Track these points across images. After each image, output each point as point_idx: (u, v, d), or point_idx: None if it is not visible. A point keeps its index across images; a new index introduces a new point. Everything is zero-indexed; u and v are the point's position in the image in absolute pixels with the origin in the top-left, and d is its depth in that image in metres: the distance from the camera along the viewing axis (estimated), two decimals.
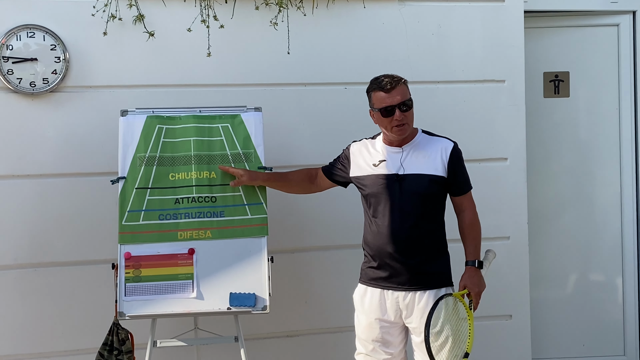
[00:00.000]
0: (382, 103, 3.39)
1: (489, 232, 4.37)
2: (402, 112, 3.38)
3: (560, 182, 5.04)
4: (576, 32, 4.99)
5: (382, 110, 3.39)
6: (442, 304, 3.32)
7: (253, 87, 4.27)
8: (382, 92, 3.40)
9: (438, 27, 4.51)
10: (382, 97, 3.40)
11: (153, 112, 3.83)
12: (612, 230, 5.05)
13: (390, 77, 3.42)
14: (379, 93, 3.41)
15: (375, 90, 3.43)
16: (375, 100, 3.43)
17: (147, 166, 3.73)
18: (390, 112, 3.38)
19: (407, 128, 3.44)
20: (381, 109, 3.40)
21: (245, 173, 3.73)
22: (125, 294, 3.60)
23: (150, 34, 4.01)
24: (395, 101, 3.38)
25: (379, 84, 3.42)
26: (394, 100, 3.38)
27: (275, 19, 4.10)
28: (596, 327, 5.06)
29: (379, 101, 3.41)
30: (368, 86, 3.50)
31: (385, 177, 3.46)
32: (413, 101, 3.43)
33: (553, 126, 5.00)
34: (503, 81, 4.60)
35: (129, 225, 3.67)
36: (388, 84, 3.39)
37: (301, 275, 4.39)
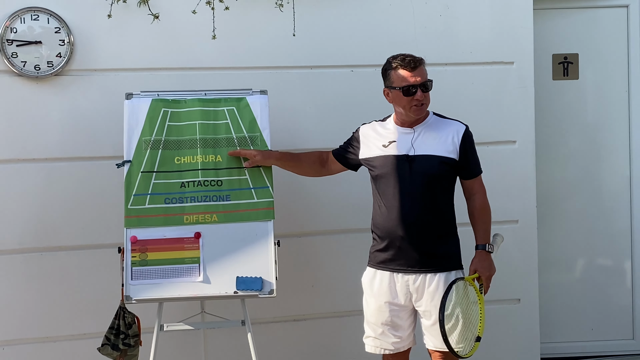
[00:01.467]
0: (405, 82, 3.37)
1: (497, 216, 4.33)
2: (423, 93, 3.37)
3: (569, 166, 5.01)
4: (585, 14, 4.94)
5: (405, 89, 3.37)
6: (454, 288, 3.30)
7: (259, 70, 4.24)
8: (405, 71, 3.38)
9: (446, 8, 4.46)
10: (404, 76, 3.38)
11: (158, 95, 3.81)
12: (622, 214, 5.02)
13: (412, 57, 3.41)
14: (401, 71, 3.39)
15: (397, 68, 3.40)
16: (396, 79, 3.40)
17: (153, 150, 3.71)
18: (412, 92, 3.37)
19: (425, 108, 3.44)
20: (403, 88, 3.37)
21: (258, 153, 3.71)
22: (131, 278, 3.59)
23: (155, 16, 3.97)
24: (417, 81, 3.37)
25: (402, 61, 3.39)
26: (417, 80, 3.37)
27: (280, 1, 4.05)
28: (605, 311, 5.04)
29: (400, 79, 3.39)
30: (385, 64, 3.47)
31: (395, 157, 3.43)
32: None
33: (562, 109, 4.96)
34: (512, 63, 4.56)
35: (135, 209, 3.65)
36: (411, 62, 3.38)
37: (308, 259, 4.37)
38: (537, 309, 4.69)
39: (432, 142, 3.45)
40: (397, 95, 3.41)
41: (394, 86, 3.41)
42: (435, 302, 3.37)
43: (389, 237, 3.45)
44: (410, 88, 3.36)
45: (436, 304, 3.35)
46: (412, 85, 3.36)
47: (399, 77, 3.39)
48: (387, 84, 3.46)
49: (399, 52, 3.49)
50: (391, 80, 3.42)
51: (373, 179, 3.54)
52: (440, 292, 3.36)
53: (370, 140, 3.56)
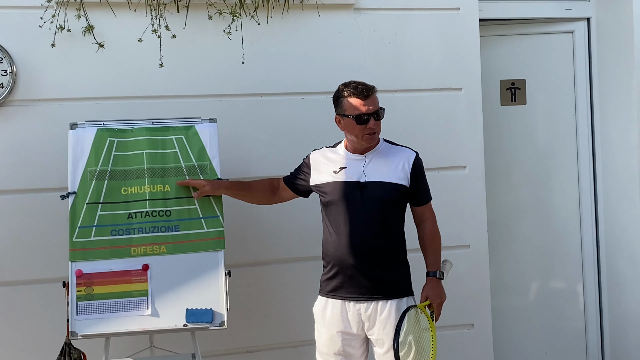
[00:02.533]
0: (357, 110, 3.37)
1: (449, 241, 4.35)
2: (375, 121, 3.37)
3: (519, 190, 5.06)
4: (531, 40, 5.02)
5: (357, 117, 3.36)
6: (406, 316, 3.28)
7: (207, 98, 4.21)
8: (357, 99, 3.37)
9: (394, 36, 4.49)
10: (357, 104, 3.37)
11: (104, 125, 3.74)
12: (572, 237, 5.07)
13: (365, 85, 3.41)
14: (354, 99, 3.38)
15: (349, 96, 3.39)
16: (348, 107, 3.39)
17: (98, 180, 3.63)
18: (365, 120, 3.36)
19: (377, 137, 3.44)
20: (356, 116, 3.36)
21: (207, 183, 3.65)
22: (77, 313, 3.50)
23: (100, 44, 3.91)
24: (371, 110, 3.37)
25: (355, 89, 3.39)
26: (369, 109, 3.36)
27: (228, 28, 4.02)
28: (558, 334, 5.07)
29: (352, 108, 3.38)
30: (337, 92, 3.46)
31: (346, 184, 3.42)
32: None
33: (511, 134, 5.01)
34: (460, 89, 4.59)
35: (80, 242, 3.57)
36: (364, 90, 3.37)
37: (260, 289, 4.32)
38: (490, 333, 4.70)
39: (383, 168, 3.45)
40: (349, 123, 3.40)
41: (346, 114, 3.40)
42: (388, 330, 3.35)
43: (339, 265, 3.42)
44: (363, 116, 3.36)
45: (388, 332, 3.33)
46: (364, 113, 3.36)
47: (351, 105, 3.38)
48: (339, 111, 3.45)
49: (349, 79, 3.50)
50: (343, 108, 3.41)
51: (323, 206, 3.52)
52: (392, 319, 3.35)
53: (321, 166, 3.54)
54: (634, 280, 4.81)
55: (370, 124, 3.36)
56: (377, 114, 3.38)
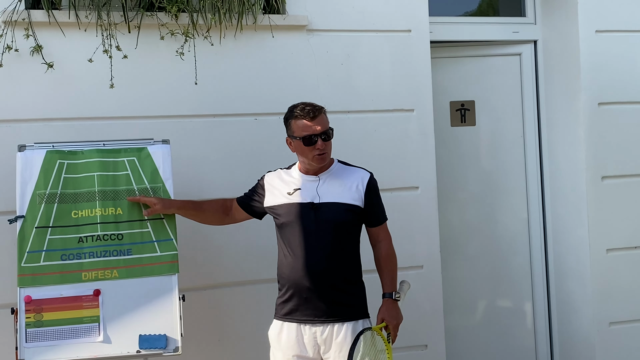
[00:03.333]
0: (305, 132, 3.36)
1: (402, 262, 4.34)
2: (324, 142, 3.36)
3: (469, 210, 5.11)
4: (480, 62, 5.10)
5: (305, 138, 3.35)
6: (361, 338, 3.27)
7: (160, 119, 4.15)
8: (304, 121, 3.37)
9: (347, 57, 4.51)
10: (304, 126, 3.37)
11: (53, 147, 3.66)
12: (521, 257, 5.14)
13: (312, 106, 3.41)
14: (301, 121, 3.38)
15: (296, 118, 3.39)
16: (296, 129, 3.39)
17: (48, 204, 3.55)
18: (313, 141, 3.35)
19: (327, 157, 3.43)
20: (303, 138, 3.36)
21: (159, 201, 3.59)
22: (26, 340, 3.41)
23: (49, 65, 3.84)
24: (317, 130, 3.36)
25: (302, 111, 3.38)
26: (316, 130, 3.36)
27: (181, 49, 3.99)
28: (509, 353, 5.12)
29: (300, 129, 3.38)
30: (286, 114, 3.47)
31: (300, 205, 3.41)
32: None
33: (461, 154, 5.07)
34: (412, 110, 4.63)
35: (28, 267, 3.48)
36: (311, 112, 3.37)
37: (213, 313, 4.26)
38: (444, 353, 4.71)
39: (337, 189, 3.44)
40: (298, 145, 3.40)
41: (295, 136, 3.40)
42: (344, 353, 3.32)
43: (294, 287, 3.40)
44: (311, 137, 3.35)
45: (344, 355, 3.31)
46: (312, 134, 3.35)
47: (299, 126, 3.38)
48: (289, 133, 3.45)
49: (302, 100, 3.50)
50: (292, 130, 3.41)
51: (278, 228, 3.49)
52: (348, 342, 3.33)
53: (276, 188, 3.52)
54: (583, 299, 4.89)
55: (318, 144, 3.36)
56: (326, 134, 3.38)
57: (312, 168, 3.46)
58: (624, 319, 4.91)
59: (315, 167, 3.45)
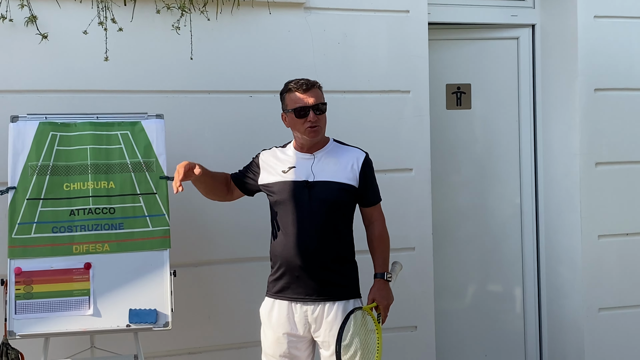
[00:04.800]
0: (297, 103, 3.37)
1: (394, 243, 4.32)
2: (315, 115, 3.36)
3: (462, 193, 5.10)
4: (478, 45, 5.07)
5: (296, 110, 3.36)
6: (352, 317, 3.27)
7: (154, 93, 4.12)
8: (297, 93, 3.38)
9: (344, 36, 4.48)
10: (296, 98, 3.38)
11: (46, 119, 3.65)
12: (513, 241, 5.14)
13: (306, 79, 3.43)
14: (293, 94, 3.39)
15: (289, 91, 3.41)
16: (289, 102, 3.40)
17: (40, 175, 3.54)
18: (304, 114, 3.36)
19: (320, 131, 3.42)
20: (295, 109, 3.36)
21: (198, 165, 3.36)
22: (15, 312, 3.41)
23: (43, 36, 3.79)
24: (309, 103, 3.37)
25: (296, 84, 3.40)
26: (308, 102, 3.37)
27: (177, 23, 3.94)
28: (498, 337, 5.13)
29: (293, 102, 3.39)
30: (282, 88, 3.47)
31: (294, 183, 3.39)
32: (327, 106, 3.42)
33: (455, 138, 5.06)
34: (408, 92, 4.61)
35: (19, 239, 3.47)
36: (304, 84, 3.39)
37: (204, 289, 4.25)
38: (433, 335, 4.72)
39: (331, 168, 3.43)
40: (291, 118, 3.41)
41: (288, 109, 3.41)
42: (334, 333, 3.32)
43: (286, 265, 3.39)
44: (303, 109, 3.36)
45: (334, 334, 3.31)
46: (303, 107, 3.36)
47: (292, 99, 3.39)
48: (283, 107, 3.46)
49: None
50: (286, 103, 3.43)
51: (271, 206, 3.48)
52: (339, 321, 3.33)
53: (271, 165, 3.51)
54: (573, 285, 4.90)
55: (310, 117, 3.36)
56: (317, 107, 3.38)
57: (305, 143, 3.44)
58: (614, 305, 4.92)
59: (309, 142, 3.43)
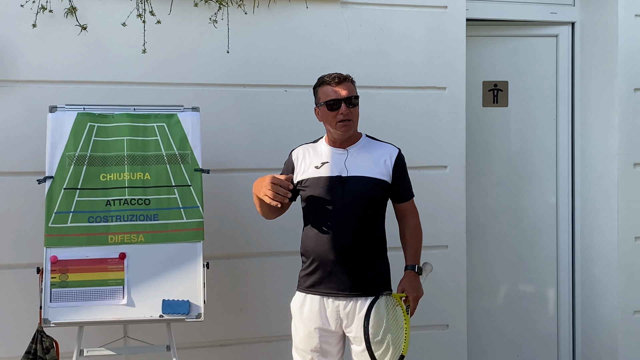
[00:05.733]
0: (329, 96, 3.37)
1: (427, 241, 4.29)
2: (347, 107, 3.35)
3: (497, 192, 5.06)
4: (516, 42, 5.02)
5: (328, 103, 3.35)
6: (381, 300, 3.27)
7: (190, 86, 4.15)
8: (329, 86, 3.38)
9: (380, 31, 4.46)
10: (328, 91, 3.38)
11: (84, 109, 3.68)
12: (548, 241, 5.08)
13: (338, 73, 3.42)
14: (326, 87, 3.39)
15: (322, 85, 3.42)
16: (322, 95, 3.40)
17: (77, 166, 3.57)
18: (336, 106, 3.35)
19: (352, 125, 3.41)
20: (327, 102, 3.36)
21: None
22: (50, 300, 3.45)
23: (82, 27, 3.82)
24: (341, 95, 3.36)
25: (328, 77, 3.41)
26: (340, 95, 3.36)
27: (214, 17, 3.96)
28: (530, 338, 5.08)
29: (325, 95, 3.39)
30: (315, 83, 3.47)
31: (327, 179, 3.39)
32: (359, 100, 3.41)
33: (491, 135, 5.01)
34: (444, 88, 4.58)
35: (56, 228, 3.50)
36: (336, 78, 3.39)
37: (236, 282, 4.26)
38: (465, 334, 4.69)
39: (365, 163, 3.42)
40: (323, 112, 3.40)
41: (320, 102, 3.41)
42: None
43: (319, 260, 3.38)
44: (334, 102, 3.35)
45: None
46: (335, 99, 3.35)
47: (325, 92, 3.39)
48: (316, 101, 3.46)
49: None
50: (319, 97, 3.43)
51: (304, 200, 3.48)
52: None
53: (303, 162, 3.50)
54: (608, 286, 4.84)
55: (342, 109, 3.34)
56: (349, 100, 3.36)
57: (338, 137, 3.43)
58: None
59: (340, 136, 3.42)
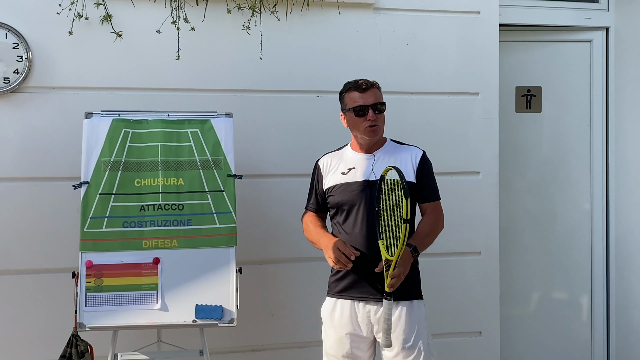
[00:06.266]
0: (356, 102, 3.39)
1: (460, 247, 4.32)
2: (375, 114, 3.37)
3: (530, 198, 5.02)
4: (549, 47, 4.98)
5: (356, 109, 3.37)
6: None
7: (223, 92, 4.18)
8: (356, 92, 3.40)
9: (413, 37, 4.45)
10: (356, 97, 3.40)
11: (119, 115, 3.72)
12: (582, 248, 5.03)
13: (364, 79, 3.44)
14: (353, 93, 3.41)
15: (349, 91, 3.44)
16: (349, 101, 3.42)
17: (112, 171, 3.60)
18: (364, 113, 3.37)
19: (379, 130, 3.42)
20: (355, 108, 3.38)
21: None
22: (85, 304, 3.47)
23: (117, 34, 3.87)
24: (369, 101, 3.38)
25: (354, 84, 3.43)
26: (367, 101, 3.38)
27: (247, 23, 3.98)
28: (564, 345, 5.03)
29: (352, 101, 3.41)
30: (341, 90, 3.48)
31: (355, 184, 3.40)
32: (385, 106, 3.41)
33: (524, 141, 4.97)
34: (477, 94, 4.56)
35: (91, 233, 3.53)
36: (363, 84, 3.41)
37: (268, 287, 4.27)
38: (498, 342, 4.65)
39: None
40: (350, 118, 3.41)
41: (347, 108, 3.42)
42: (398, 334, 3.30)
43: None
44: (362, 108, 3.36)
45: (398, 335, 3.29)
46: (363, 105, 3.36)
47: (351, 99, 3.40)
48: (342, 107, 3.47)
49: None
50: (345, 103, 3.44)
51: (333, 207, 3.48)
52: (403, 322, 3.30)
53: (330, 169, 3.51)
54: None
55: (369, 115, 3.36)
56: (377, 106, 3.38)
57: (365, 143, 3.44)
58: None
59: (368, 141, 3.43)
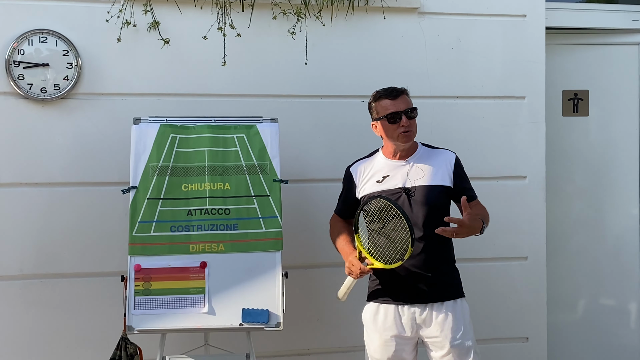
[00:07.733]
0: (388, 110, 3.40)
1: (506, 252, 4.28)
2: (408, 119, 3.38)
3: (578, 202, 4.96)
4: (596, 50, 4.92)
5: (389, 116, 3.38)
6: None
7: (269, 97, 4.20)
8: (387, 100, 3.41)
9: (458, 41, 4.43)
10: (387, 105, 3.41)
11: (167, 121, 3.76)
12: (630, 253, 4.96)
13: (394, 87, 3.46)
14: (384, 101, 3.42)
15: (379, 99, 3.44)
16: (380, 109, 3.43)
17: (160, 176, 3.64)
18: (397, 119, 3.37)
19: (412, 136, 3.44)
20: (387, 116, 3.38)
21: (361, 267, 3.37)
22: (134, 308, 3.50)
23: (165, 41, 3.92)
24: (401, 108, 3.39)
25: (384, 92, 3.44)
26: (399, 107, 3.39)
27: (293, 29, 4.01)
28: (612, 352, 4.96)
29: (384, 109, 3.42)
30: (370, 99, 3.49)
31: (392, 192, 3.40)
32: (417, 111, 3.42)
33: (571, 145, 4.92)
34: (523, 98, 4.52)
35: (139, 237, 3.57)
36: (393, 91, 3.43)
37: (314, 291, 4.28)
38: (545, 348, 4.60)
39: (427, 171, 3.43)
40: (383, 125, 3.42)
41: (379, 116, 3.42)
42: (446, 332, 3.32)
43: (391, 270, 3.35)
44: (394, 115, 3.37)
45: (447, 334, 3.31)
46: (395, 112, 3.37)
47: (383, 106, 3.41)
48: (374, 116, 3.47)
49: (410, 84, 3.52)
50: (377, 111, 3.44)
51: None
52: (450, 321, 3.32)
53: (364, 178, 3.51)
54: None
55: (402, 121, 3.36)
56: (409, 111, 3.38)
57: (399, 149, 3.45)
58: None
59: (402, 148, 3.43)
